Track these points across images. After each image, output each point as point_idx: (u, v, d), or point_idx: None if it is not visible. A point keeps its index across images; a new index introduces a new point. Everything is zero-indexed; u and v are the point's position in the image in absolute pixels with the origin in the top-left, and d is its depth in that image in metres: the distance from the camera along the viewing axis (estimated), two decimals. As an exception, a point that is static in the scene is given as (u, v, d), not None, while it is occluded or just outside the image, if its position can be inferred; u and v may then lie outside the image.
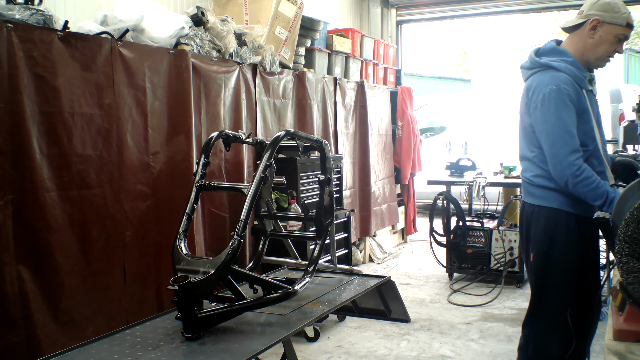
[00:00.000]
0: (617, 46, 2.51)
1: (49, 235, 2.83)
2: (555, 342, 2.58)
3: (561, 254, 2.55)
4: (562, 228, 2.55)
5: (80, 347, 1.91)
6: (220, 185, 2.47)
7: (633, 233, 1.53)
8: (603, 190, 2.38)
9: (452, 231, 5.61)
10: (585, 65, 2.57)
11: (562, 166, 2.41)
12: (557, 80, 2.46)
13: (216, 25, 3.96)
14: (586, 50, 2.55)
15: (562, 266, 2.57)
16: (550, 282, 2.61)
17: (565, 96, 2.43)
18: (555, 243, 2.56)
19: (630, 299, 1.60)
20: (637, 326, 1.67)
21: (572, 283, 2.56)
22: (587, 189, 2.40)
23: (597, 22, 2.50)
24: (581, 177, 2.39)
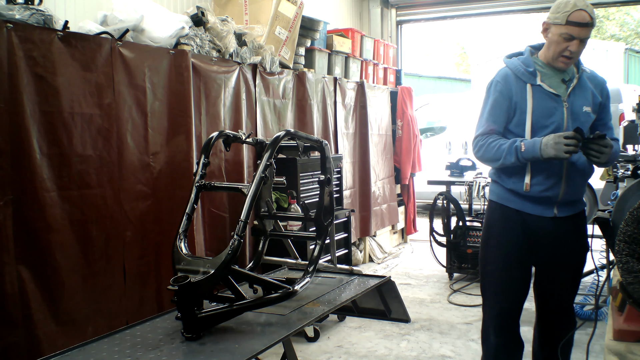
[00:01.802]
0: (565, 45, 2.50)
1: (49, 235, 2.83)
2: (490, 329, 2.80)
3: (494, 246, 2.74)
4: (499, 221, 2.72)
5: (80, 347, 1.91)
6: (220, 185, 2.47)
7: (633, 233, 1.53)
8: (506, 145, 2.55)
9: (452, 231, 5.61)
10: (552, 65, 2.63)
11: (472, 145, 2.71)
12: (496, 74, 2.69)
13: (216, 25, 3.96)
14: (544, 52, 2.63)
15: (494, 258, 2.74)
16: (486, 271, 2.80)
17: (493, 87, 2.66)
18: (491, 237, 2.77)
19: (630, 299, 1.60)
20: (637, 326, 1.67)
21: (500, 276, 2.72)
22: (490, 154, 2.61)
23: (546, 24, 2.58)
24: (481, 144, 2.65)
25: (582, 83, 2.63)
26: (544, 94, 2.60)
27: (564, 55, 2.53)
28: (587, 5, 2.48)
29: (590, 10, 2.48)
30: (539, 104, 2.59)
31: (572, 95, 2.60)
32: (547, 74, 2.62)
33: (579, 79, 2.62)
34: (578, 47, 2.50)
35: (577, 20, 2.45)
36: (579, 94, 2.61)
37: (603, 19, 22.55)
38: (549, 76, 2.62)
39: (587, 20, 2.46)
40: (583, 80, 2.63)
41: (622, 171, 3.57)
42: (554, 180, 2.59)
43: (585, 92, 2.62)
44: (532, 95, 2.59)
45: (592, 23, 2.48)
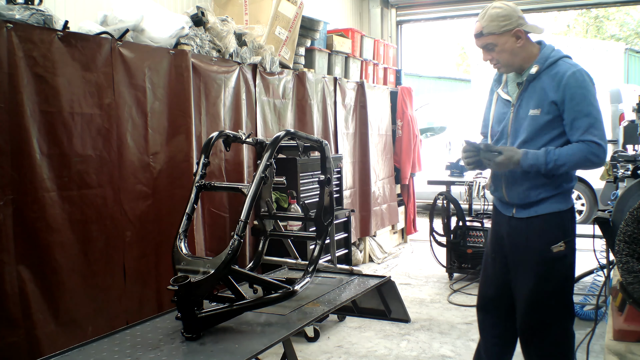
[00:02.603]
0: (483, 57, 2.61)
1: (49, 235, 2.83)
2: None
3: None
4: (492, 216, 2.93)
5: (80, 347, 1.91)
6: (220, 185, 2.47)
7: (633, 233, 1.53)
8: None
9: (452, 231, 5.61)
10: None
11: None
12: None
13: (216, 25, 3.96)
14: None
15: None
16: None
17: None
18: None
19: (630, 299, 1.60)
20: (637, 326, 1.67)
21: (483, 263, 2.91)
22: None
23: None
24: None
25: (535, 84, 2.55)
26: (500, 101, 2.65)
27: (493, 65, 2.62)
28: (484, 14, 2.52)
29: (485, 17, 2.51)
30: (497, 111, 2.66)
31: (520, 99, 2.57)
32: (511, 79, 2.65)
33: (533, 79, 2.54)
34: (490, 55, 2.56)
35: (475, 33, 2.55)
36: (528, 97, 2.56)
37: (603, 19, 22.56)
38: (512, 81, 2.65)
39: (478, 30, 2.53)
40: (539, 80, 2.54)
41: (622, 171, 3.56)
42: (497, 182, 2.71)
43: (535, 94, 2.54)
44: (495, 102, 2.67)
45: (481, 33, 2.52)
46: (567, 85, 2.46)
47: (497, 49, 2.53)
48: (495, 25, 2.50)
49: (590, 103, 2.47)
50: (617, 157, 3.74)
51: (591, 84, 2.51)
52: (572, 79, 2.47)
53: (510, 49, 2.52)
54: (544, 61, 2.54)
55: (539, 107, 2.51)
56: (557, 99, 2.48)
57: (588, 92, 2.47)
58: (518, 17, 2.53)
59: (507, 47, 2.51)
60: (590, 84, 2.50)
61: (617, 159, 3.74)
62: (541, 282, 2.57)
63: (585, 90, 2.47)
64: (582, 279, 4.66)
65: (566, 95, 2.46)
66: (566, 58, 2.58)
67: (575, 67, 2.51)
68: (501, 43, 2.51)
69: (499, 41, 2.51)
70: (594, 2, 8.50)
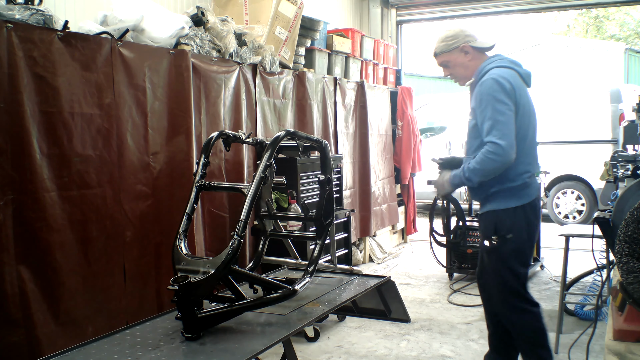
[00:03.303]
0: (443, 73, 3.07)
1: (49, 235, 2.83)
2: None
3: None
4: None
5: (80, 347, 1.91)
6: (220, 185, 2.47)
7: (633, 233, 1.53)
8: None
9: (452, 231, 5.59)
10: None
11: None
12: None
13: (216, 25, 3.96)
14: None
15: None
16: None
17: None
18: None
19: (630, 299, 1.60)
20: (637, 326, 1.67)
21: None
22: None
23: None
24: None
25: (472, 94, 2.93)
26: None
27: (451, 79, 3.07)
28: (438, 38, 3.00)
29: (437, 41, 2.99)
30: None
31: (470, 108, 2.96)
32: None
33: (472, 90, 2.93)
34: (447, 71, 3.02)
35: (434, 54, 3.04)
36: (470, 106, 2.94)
37: (603, 19, 22.56)
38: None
39: (433, 52, 3.03)
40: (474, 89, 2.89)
41: (622, 171, 3.56)
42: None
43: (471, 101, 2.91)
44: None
45: (435, 53, 3.01)
46: (477, 93, 2.80)
47: (451, 64, 2.97)
48: (444, 45, 2.96)
49: (493, 107, 2.71)
50: (617, 157, 3.74)
51: (499, 89, 2.72)
52: (483, 86, 2.76)
53: (461, 63, 2.94)
54: (477, 73, 2.89)
55: (470, 115, 2.91)
56: (475, 105, 2.83)
57: (492, 97, 2.72)
58: (465, 35, 2.93)
59: (458, 62, 2.94)
60: (497, 90, 2.72)
61: (617, 159, 3.74)
62: (485, 274, 3.05)
63: (490, 95, 2.73)
64: (582, 279, 4.66)
65: (476, 101, 2.80)
66: (496, 68, 2.81)
67: (490, 76, 2.77)
68: (452, 59, 2.95)
69: (450, 57, 2.95)
70: (594, 2, 8.49)
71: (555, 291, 5.07)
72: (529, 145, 2.83)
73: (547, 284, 5.46)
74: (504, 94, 2.71)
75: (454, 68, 2.96)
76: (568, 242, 3.85)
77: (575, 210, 8.79)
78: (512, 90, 2.74)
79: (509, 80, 2.74)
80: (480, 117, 2.76)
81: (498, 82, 2.73)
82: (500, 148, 2.66)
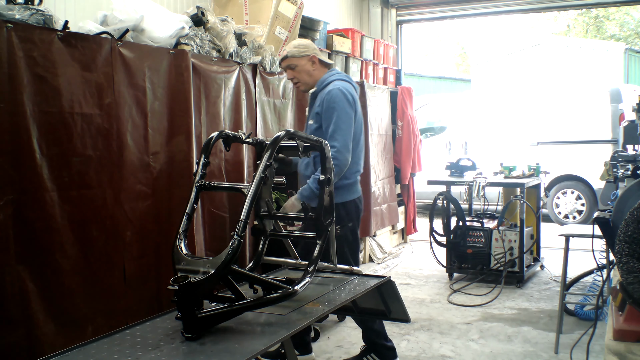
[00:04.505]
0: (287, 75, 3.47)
1: (49, 235, 2.83)
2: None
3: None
4: None
5: (80, 347, 1.91)
6: (220, 185, 2.47)
7: (633, 233, 1.53)
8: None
9: (452, 231, 5.60)
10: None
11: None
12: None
13: (216, 25, 3.96)
14: None
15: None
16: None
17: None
18: None
19: (630, 299, 1.60)
20: (637, 326, 1.67)
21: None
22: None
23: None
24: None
25: (314, 102, 3.33)
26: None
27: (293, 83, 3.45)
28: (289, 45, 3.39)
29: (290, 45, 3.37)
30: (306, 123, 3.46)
31: (309, 113, 3.41)
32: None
33: (315, 98, 3.33)
34: (292, 74, 3.38)
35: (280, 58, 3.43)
36: (310, 110, 3.39)
37: (603, 19, 22.56)
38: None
39: (283, 55, 3.39)
40: (316, 98, 3.31)
41: (622, 171, 3.57)
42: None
43: (313, 107, 3.32)
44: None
45: (286, 55, 3.35)
46: (324, 100, 3.23)
47: (298, 69, 3.35)
48: (297, 50, 3.34)
49: (338, 115, 3.18)
50: (617, 157, 3.75)
51: (345, 100, 3.20)
52: (329, 95, 3.22)
53: (307, 70, 3.36)
54: (320, 83, 3.35)
55: (313, 118, 3.30)
56: (320, 111, 3.24)
57: (338, 105, 3.19)
58: (314, 48, 3.40)
59: (305, 68, 3.35)
60: (343, 100, 3.20)
61: (617, 159, 3.74)
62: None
63: (336, 104, 3.19)
64: (582, 279, 4.67)
65: (323, 107, 3.23)
66: (338, 80, 3.30)
67: (335, 87, 3.24)
68: (301, 65, 3.34)
69: (299, 63, 3.34)
70: (594, 2, 8.51)
71: (555, 291, 5.07)
72: (360, 148, 3.35)
73: (547, 284, 5.46)
74: (347, 104, 3.20)
75: (300, 73, 3.35)
76: (568, 242, 3.85)
77: (575, 210, 8.80)
78: (353, 101, 3.25)
79: (350, 92, 3.26)
80: (325, 122, 3.21)
81: (343, 93, 3.21)
82: (340, 153, 3.12)
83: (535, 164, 5.80)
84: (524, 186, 5.29)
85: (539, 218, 5.85)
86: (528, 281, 5.51)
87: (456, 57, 27.50)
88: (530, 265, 5.61)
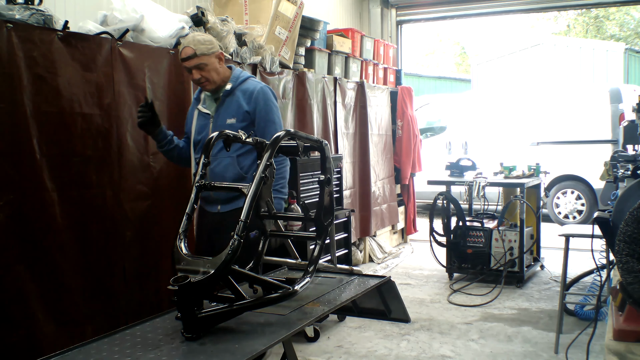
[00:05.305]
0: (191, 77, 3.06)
1: (49, 235, 2.83)
2: None
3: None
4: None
5: (80, 347, 1.91)
6: (220, 185, 2.46)
7: (633, 233, 1.53)
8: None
9: (452, 231, 5.61)
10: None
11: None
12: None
13: (216, 25, 3.96)
14: None
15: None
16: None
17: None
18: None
19: (630, 299, 1.60)
20: (637, 326, 1.67)
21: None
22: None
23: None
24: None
25: (231, 98, 3.07)
26: (200, 115, 3.13)
27: (198, 83, 3.05)
28: (193, 39, 2.99)
29: (194, 42, 2.96)
30: (197, 124, 3.13)
31: (219, 111, 3.08)
32: (208, 97, 3.14)
33: (229, 95, 3.07)
34: (200, 74, 2.99)
35: (182, 57, 2.99)
36: (225, 109, 3.07)
37: (603, 19, 22.57)
38: (209, 98, 3.13)
39: (189, 54, 2.96)
40: (233, 94, 3.07)
41: (622, 171, 3.57)
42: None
43: (231, 105, 3.06)
44: (196, 118, 3.14)
45: (195, 54, 2.95)
46: (257, 98, 3.04)
47: (207, 67, 3.00)
48: (205, 48, 2.99)
49: (275, 113, 3.07)
50: (617, 157, 3.75)
51: (274, 98, 3.11)
52: (263, 93, 3.07)
53: (216, 68, 3.03)
54: (236, 79, 3.09)
55: (234, 117, 3.03)
56: (250, 109, 3.03)
57: (273, 104, 3.09)
58: (217, 44, 3.11)
59: (214, 66, 3.02)
60: (273, 98, 3.11)
61: (617, 159, 3.74)
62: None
63: (272, 102, 3.08)
64: (582, 279, 4.67)
65: (257, 105, 3.04)
66: (252, 78, 3.16)
67: (261, 85, 3.12)
68: (210, 63, 3.00)
69: (209, 61, 3.00)
70: (594, 2, 8.50)
71: (555, 291, 5.07)
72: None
73: (547, 284, 5.46)
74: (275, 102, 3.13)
75: (210, 72, 3.01)
76: (568, 242, 3.85)
77: (575, 210, 8.80)
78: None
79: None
80: (261, 120, 3.03)
81: (271, 91, 3.12)
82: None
83: (535, 164, 5.80)
84: (524, 186, 5.29)
85: (539, 218, 5.85)
86: (528, 281, 5.51)
87: (456, 57, 27.51)
88: (530, 265, 5.61)
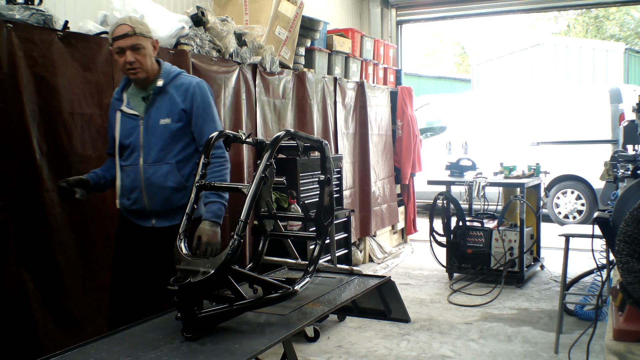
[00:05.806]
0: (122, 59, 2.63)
1: (49, 235, 2.83)
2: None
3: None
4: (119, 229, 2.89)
5: (80, 347, 1.91)
6: (220, 185, 2.46)
7: (633, 233, 1.53)
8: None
9: (452, 231, 5.61)
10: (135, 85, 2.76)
11: None
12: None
13: (216, 25, 3.96)
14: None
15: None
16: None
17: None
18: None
19: (630, 299, 1.60)
20: (637, 326, 1.67)
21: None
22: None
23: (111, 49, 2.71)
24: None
25: (163, 96, 2.71)
26: (126, 117, 2.73)
27: (128, 69, 2.65)
28: (129, 18, 2.69)
29: (132, 21, 2.66)
30: (123, 128, 2.73)
31: (149, 111, 2.70)
32: (133, 95, 2.75)
33: (160, 92, 2.70)
34: (134, 56, 2.62)
35: (117, 35, 2.61)
36: (156, 108, 2.70)
37: (603, 19, 22.57)
38: (134, 97, 2.75)
39: (126, 30, 2.61)
40: (165, 92, 2.71)
41: (622, 171, 3.57)
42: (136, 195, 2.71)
43: (164, 104, 2.70)
44: (119, 120, 2.74)
45: (134, 32, 2.62)
46: (194, 95, 2.71)
47: (143, 51, 2.65)
48: (144, 29, 2.68)
49: (214, 110, 2.78)
50: (617, 157, 3.75)
51: (211, 94, 2.81)
52: (198, 88, 2.74)
53: (150, 55, 2.70)
54: (167, 74, 2.74)
55: (169, 117, 2.69)
56: (187, 107, 2.70)
57: (211, 101, 2.79)
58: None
59: (149, 52, 2.68)
60: (210, 94, 2.80)
61: (617, 159, 3.74)
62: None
63: (210, 99, 2.78)
64: (582, 279, 4.67)
65: (194, 103, 2.71)
66: (184, 73, 2.82)
67: (196, 79, 2.80)
68: (147, 46, 2.67)
69: (146, 44, 2.67)
70: (594, 2, 8.51)
71: (555, 291, 5.07)
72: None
73: (547, 284, 5.46)
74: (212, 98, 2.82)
75: (144, 57, 2.66)
76: (568, 242, 3.85)
77: (575, 210, 8.80)
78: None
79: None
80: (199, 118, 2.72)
81: (207, 86, 2.81)
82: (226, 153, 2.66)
83: (535, 164, 5.80)
84: (524, 186, 5.29)
85: (539, 218, 5.85)
86: (528, 281, 5.50)
87: (456, 57, 27.51)
88: (530, 265, 5.61)
